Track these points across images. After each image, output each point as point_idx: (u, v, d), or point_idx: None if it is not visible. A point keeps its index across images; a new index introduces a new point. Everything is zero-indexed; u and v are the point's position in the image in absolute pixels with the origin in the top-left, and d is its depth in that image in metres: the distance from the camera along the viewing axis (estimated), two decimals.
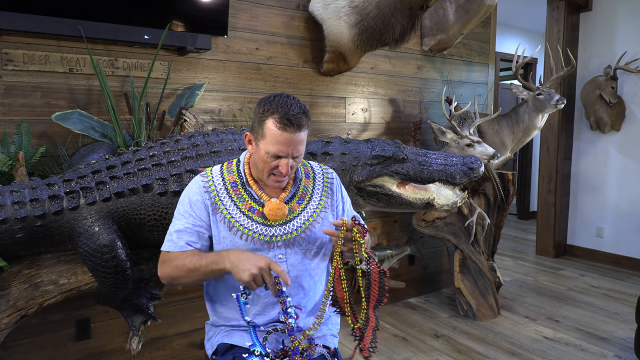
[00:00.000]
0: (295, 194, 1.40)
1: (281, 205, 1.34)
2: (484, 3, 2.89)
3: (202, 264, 1.24)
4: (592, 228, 4.58)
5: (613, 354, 2.69)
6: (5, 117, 2.01)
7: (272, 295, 1.25)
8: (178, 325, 2.51)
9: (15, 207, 1.58)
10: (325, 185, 1.46)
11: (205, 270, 1.24)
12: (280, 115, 1.24)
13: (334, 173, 1.51)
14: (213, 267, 1.23)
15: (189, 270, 1.26)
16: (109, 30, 2.10)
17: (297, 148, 1.28)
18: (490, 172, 3.06)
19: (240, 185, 1.37)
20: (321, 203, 1.42)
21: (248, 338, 1.36)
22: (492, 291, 3.19)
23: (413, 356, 2.67)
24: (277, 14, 2.71)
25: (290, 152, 1.27)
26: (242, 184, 1.37)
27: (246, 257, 1.20)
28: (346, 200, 1.51)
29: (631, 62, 4.12)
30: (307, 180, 1.44)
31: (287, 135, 1.24)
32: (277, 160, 1.28)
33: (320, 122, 2.95)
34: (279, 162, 1.28)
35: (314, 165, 1.51)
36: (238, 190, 1.36)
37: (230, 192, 1.36)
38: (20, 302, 1.65)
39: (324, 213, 1.41)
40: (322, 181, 1.46)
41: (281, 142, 1.25)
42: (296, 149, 1.28)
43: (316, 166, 1.50)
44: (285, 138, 1.25)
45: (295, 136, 1.25)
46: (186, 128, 2.22)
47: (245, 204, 1.35)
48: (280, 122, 1.24)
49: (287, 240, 1.34)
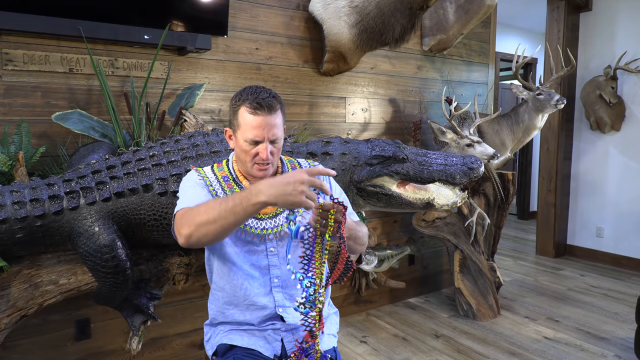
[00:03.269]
0: None
1: None
2: (484, 3, 2.89)
3: (235, 201, 1.12)
4: (592, 228, 4.58)
5: (613, 354, 2.69)
6: (5, 117, 2.01)
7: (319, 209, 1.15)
8: (178, 325, 2.51)
9: (15, 207, 1.58)
10: None
11: (237, 210, 1.12)
12: (250, 101, 1.29)
13: (320, 165, 1.53)
14: (244, 205, 1.11)
15: (221, 212, 1.13)
16: (109, 30, 2.10)
17: (273, 131, 1.30)
18: (490, 172, 3.06)
19: (231, 180, 1.40)
20: None
21: (248, 338, 1.36)
22: (492, 291, 3.19)
23: (413, 356, 2.67)
24: (277, 14, 2.71)
25: (266, 136, 1.29)
26: (233, 179, 1.41)
27: (279, 181, 1.09)
28: (336, 190, 1.51)
29: (631, 62, 4.12)
30: None
31: (259, 118, 1.28)
32: (255, 147, 1.30)
33: (320, 122, 2.95)
34: (258, 149, 1.30)
35: (302, 161, 1.54)
36: (230, 184, 1.39)
37: (223, 185, 1.39)
38: (20, 302, 1.65)
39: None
40: None
41: (255, 126, 1.28)
42: (271, 132, 1.30)
43: (303, 162, 1.54)
44: (258, 122, 1.28)
45: (268, 119, 1.29)
46: (186, 128, 2.22)
47: None
48: (251, 107, 1.29)
49: (277, 232, 1.37)
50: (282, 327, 1.36)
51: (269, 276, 1.37)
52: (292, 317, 1.36)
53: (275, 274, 1.38)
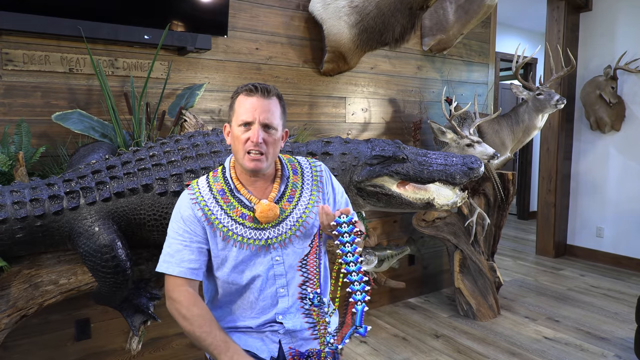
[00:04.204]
0: (284, 193, 1.38)
1: (272, 206, 1.32)
2: (484, 3, 2.89)
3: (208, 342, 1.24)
4: (592, 228, 4.58)
5: (613, 354, 2.69)
6: (5, 117, 2.01)
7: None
8: (178, 326, 2.49)
9: (15, 207, 1.58)
10: (314, 179, 1.43)
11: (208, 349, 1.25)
12: (247, 87, 1.30)
13: (322, 165, 1.48)
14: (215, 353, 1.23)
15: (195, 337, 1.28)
16: (109, 30, 2.10)
17: (266, 115, 1.28)
18: (490, 172, 3.06)
19: (228, 192, 1.35)
20: (312, 198, 1.40)
21: (244, 340, 1.36)
22: (492, 291, 3.19)
23: (413, 356, 2.67)
24: (277, 14, 2.71)
25: (258, 117, 1.27)
26: (229, 190, 1.35)
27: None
28: (337, 191, 1.48)
29: (631, 62, 4.12)
30: (295, 177, 1.42)
31: (253, 99, 1.28)
32: (247, 131, 1.28)
33: (320, 122, 2.95)
34: (249, 133, 1.27)
35: (301, 160, 1.48)
36: (227, 198, 1.34)
37: (220, 201, 1.33)
38: (20, 302, 1.64)
39: (317, 208, 1.38)
40: (310, 175, 1.44)
41: (248, 107, 1.28)
42: (264, 115, 1.28)
43: (303, 161, 1.48)
44: (251, 103, 1.28)
45: (262, 101, 1.28)
46: (186, 128, 2.22)
47: (235, 212, 1.32)
48: (246, 90, 1.30)
49: (282, 241, 1.33)
50: (280, 330, 1.35)
51: (275, 286, 1.35)
52: (291, 322, 1.35)
53: (281, 284, 1.35)
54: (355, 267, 1.17)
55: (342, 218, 1.21)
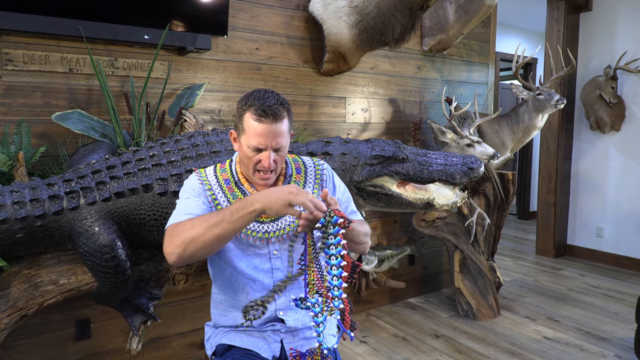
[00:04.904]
0: None
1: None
2: (484, 3, 2.89)
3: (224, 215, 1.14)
4: (592, 228, 4.58)
5: (613, 354, 2.69)
6: (5, 117, 2.01)
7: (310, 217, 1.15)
8: (178, 325, 2.51)
9: (15, 207, 1.58)
10: (316, 177, 1.45)
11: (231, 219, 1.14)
12: (256, 107, 1.25)
13: (326, 164, 1.50)
14: (241, 213, 1.13)
15: (208, 227, 1.14)
16: (109, 30, 2.09)
17: (277, 140, 1.27)
18: (490, 172, 3.06)
19: (233, 183, 1.37)
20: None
21: (247, 339, 1.36)
22: (492, 291, 3.19)
23: (413, 356, 2.67)
24: (277, 14, 2.71)
25: (270, 144, 1.26)
26: (234, 182, 1.38)
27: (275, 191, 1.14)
28: (339, 188, 1.48)
29: (631, 62, 4.12)
30: (297, 176, 1.43)
31: (264, 126, 1.25)
32: (258, 154, 1.28)
33: (320, 122, 2.95)
34: (261, 156, 1.28)
35: (306, 159, 1.49)
36: (231, 187, 1.37)
37: (224, 189, 1.36)
38: (20, 302, 1.65)
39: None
40: (313, 174, 1.45)
41: (259, 134, 1.25)
42: (275, 141, 1.27)
43: (308, 160, 1.49)
44: (262, 129, 1.25)
45: (273, 127, 1.25)
46: (186, 128, 2.22)
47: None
48: (256, 114, 1.25)
49: (280, 235, 1.35)
50: (282, 329, 1.36)
51: (272, 280, 1.36)
52: (292, 320, 1.36)
53: (279, 277, 1.36)
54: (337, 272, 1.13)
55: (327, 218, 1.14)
